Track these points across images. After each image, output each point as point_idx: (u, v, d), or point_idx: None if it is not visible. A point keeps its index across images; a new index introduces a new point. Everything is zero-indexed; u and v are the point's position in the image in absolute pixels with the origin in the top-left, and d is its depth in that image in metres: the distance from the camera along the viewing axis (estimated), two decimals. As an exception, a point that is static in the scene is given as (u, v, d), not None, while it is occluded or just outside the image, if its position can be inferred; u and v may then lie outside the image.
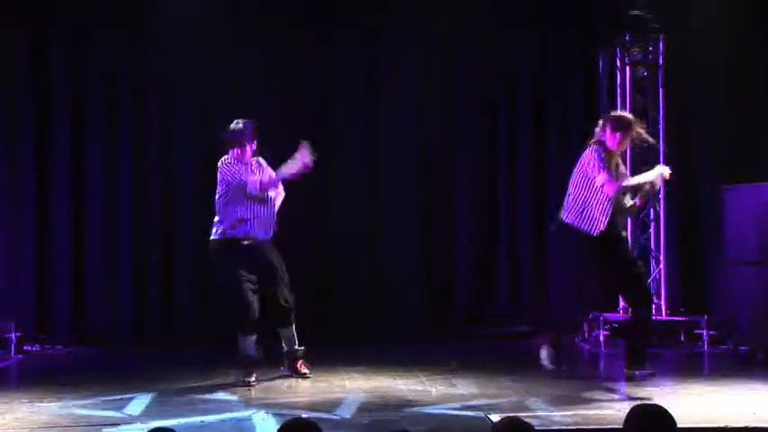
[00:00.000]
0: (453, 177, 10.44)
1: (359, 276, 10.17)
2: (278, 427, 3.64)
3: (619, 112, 7.92)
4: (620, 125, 7.32)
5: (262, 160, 7.75)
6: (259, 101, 9.94)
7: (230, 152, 7.61)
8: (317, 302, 10.04)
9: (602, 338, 9.33)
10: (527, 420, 3.62)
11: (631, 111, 9.67)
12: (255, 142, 7.66)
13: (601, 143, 7.34)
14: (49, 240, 9.80)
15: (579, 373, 8.10)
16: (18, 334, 9.13)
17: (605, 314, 9.48)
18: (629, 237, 9.67)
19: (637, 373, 7.41)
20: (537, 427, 3.63)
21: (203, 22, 9.77)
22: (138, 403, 6.69)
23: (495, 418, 5.84)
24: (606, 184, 7.19)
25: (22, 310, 9.49)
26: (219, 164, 7.59)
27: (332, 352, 8.74)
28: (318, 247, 10.18)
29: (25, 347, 9.30)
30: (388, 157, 10.36)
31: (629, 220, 9.71)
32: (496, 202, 10.48)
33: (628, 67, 9.81)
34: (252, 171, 7.61)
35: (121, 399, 6.82)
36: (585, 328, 9.72)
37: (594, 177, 7.21)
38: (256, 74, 9.93)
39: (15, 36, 9.69)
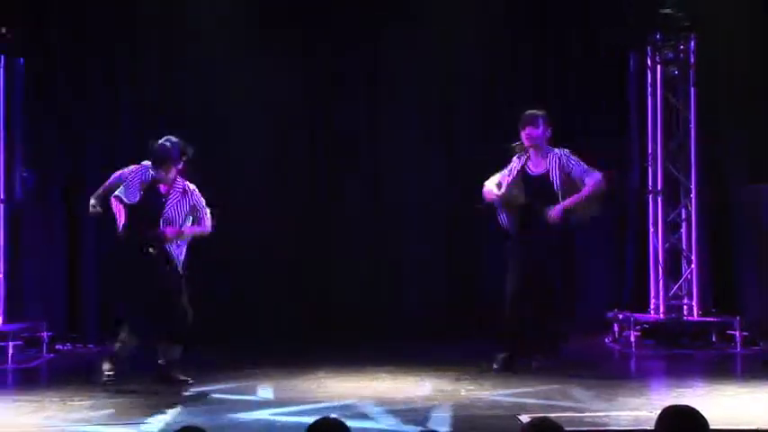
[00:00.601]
0: (453, 177, 10.42)
1: (359, 276, 10.14)
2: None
3: None
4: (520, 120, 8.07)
5: (191, 187, 7.31)
6: (259, 101, 9.95)
7: (150, 165, 7.15)
8: (317, 302, 10.05)
9: (632, 339, 9.20)
10: (557, 421, 3.61)
11: (662, 110, 9.68)
12: (181, 164, 7.20)
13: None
14: (78, 241, 9.75)
15: (610, 374, 8.01)
16: (50, 333, 9.13)
17: (636, 315, 9.43)
18: (656, 236, 9.72)
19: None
20: (567, 428, 3.60)
21: (203, 22, 9.74)
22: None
23: (524, 418, 5.78)
24: None
25: (53, 309, 9.50)
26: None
27: (333, 353, 8.72)
28: (318, 248, 10.17)
29: (57, 347, 9.30)
30: (388, 158, 10.34)
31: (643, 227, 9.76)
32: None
33: (659, 66, 9.71)
34: (158, 192, 7.18)
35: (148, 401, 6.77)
36: (616, 328, 9.63)
37: None
38: (256, 74, 9.91)
39: (15, 36, 9.63)
